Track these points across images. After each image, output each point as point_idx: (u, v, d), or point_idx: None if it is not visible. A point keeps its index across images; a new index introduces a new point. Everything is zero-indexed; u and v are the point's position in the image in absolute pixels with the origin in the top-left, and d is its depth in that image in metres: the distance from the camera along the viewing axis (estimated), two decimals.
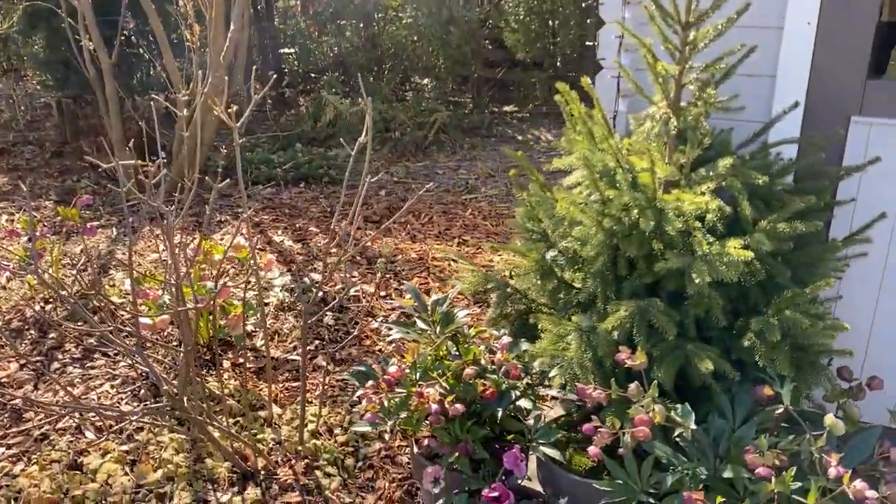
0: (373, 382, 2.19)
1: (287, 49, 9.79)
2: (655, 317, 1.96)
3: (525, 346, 2.22)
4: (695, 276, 1.86)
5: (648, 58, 2.05)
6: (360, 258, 4.37)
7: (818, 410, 2.04)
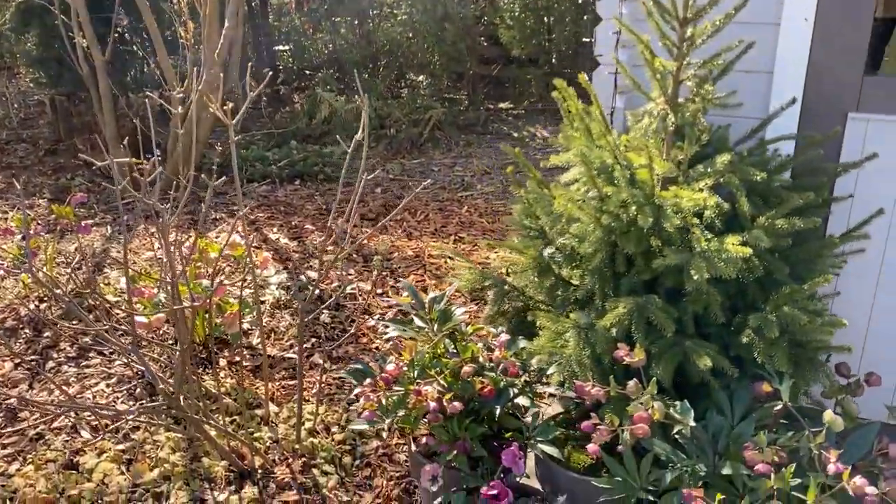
0: (370, 380, 2.18)
1: (282, 46, 9.77)
2: (654, 314, 1.95)
3: (523, 344, 2.22)
4: (693, 273, 1.86)
5: (646, 54, 2.04)
6: (357, 256, 4.36)
7: (816, 407, 2.04)
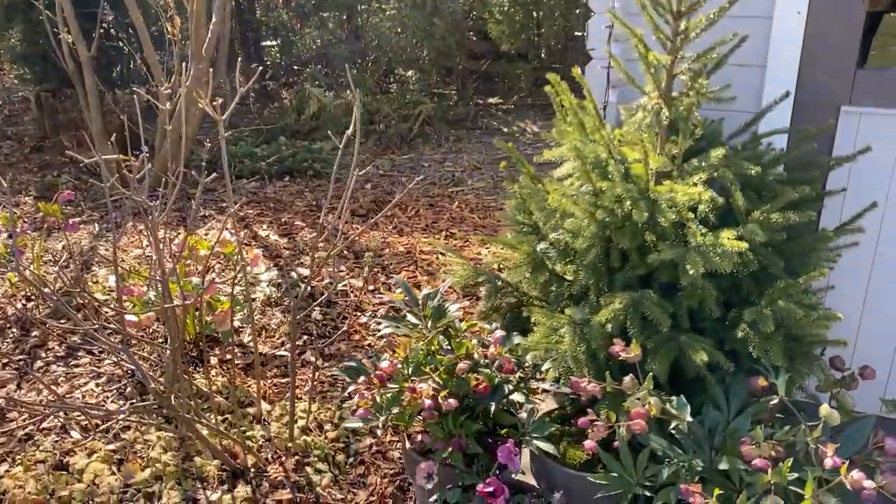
0: (365, 378, 2.16)
1: (269, 41, 9.70)
2: (649, 309, 1.95)
3: (518, 340, 2.20)
4: (689, 268, 1.85)
5: (640, 48, 2.03)
6: (348, 252, 4.33)
7: (811, 401, 2.04)
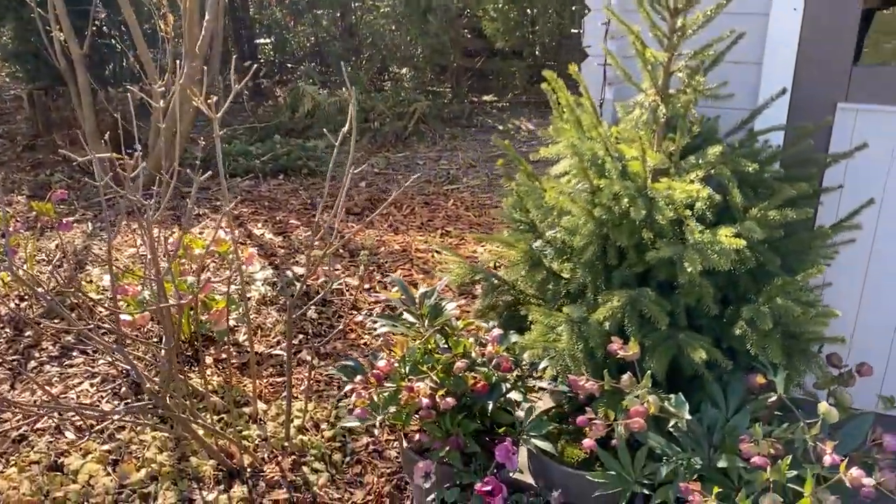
0: (362, 377, 2.15)
1: (263, 39, 9.67)
2: (647, 306, 1.94)
3: (515, 339, 2.20)
4: (687, 265, 1.85)
5: (637, 45, 2.02)
6: (343, 251, 4.32)
7: (809, 398, 2.04)
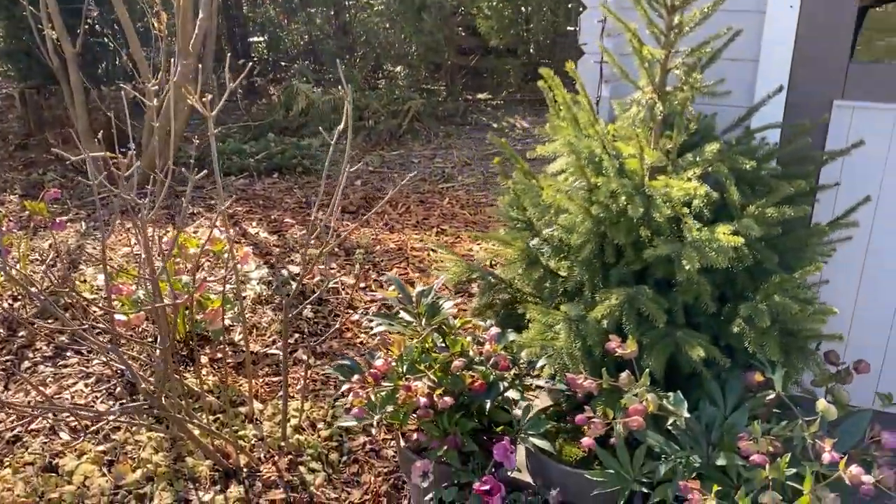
0: (359, 376, 2.14)
1: (256, 37, 9.64)
2: (645, 304, 1.94)
3: (512, 337, 2.19)
4: (685, 263, 1.85)
5: (634, 42, 2.02)
6: (339, 249, 4.31)
7: (807, 395, 2.04)
